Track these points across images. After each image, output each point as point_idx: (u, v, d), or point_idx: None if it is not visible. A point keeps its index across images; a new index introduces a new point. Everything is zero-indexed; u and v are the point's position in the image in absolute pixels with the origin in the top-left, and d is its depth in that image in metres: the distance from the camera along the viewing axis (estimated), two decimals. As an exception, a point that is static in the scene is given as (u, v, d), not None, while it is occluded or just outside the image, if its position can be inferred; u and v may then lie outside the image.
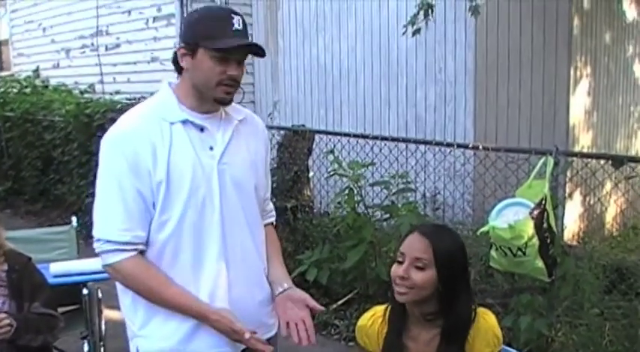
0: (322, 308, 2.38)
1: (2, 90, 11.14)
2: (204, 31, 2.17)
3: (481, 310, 2.29)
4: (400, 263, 2.20)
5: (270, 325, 2.43)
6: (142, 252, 2.22)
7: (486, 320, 2.25)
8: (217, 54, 2.15)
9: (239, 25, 2.17)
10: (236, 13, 2.20)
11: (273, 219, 2.61)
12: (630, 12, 6.89)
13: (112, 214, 2.19)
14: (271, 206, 2.61)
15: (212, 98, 2.22)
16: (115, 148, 2.19)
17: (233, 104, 2.39)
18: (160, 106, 2.27)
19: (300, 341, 2.27)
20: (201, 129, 2.25)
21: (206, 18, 2.20)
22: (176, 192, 2.19)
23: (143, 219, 2.19)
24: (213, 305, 2.23)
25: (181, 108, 2.25)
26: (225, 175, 2.25)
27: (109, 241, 2.18)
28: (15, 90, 11.24)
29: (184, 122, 2.23)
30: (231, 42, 2.15)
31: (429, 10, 5.38)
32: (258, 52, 2.24)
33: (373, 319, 2.38)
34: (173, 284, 2.22)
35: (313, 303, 2.34)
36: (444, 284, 2.18)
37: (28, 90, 11.29)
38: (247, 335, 2.16)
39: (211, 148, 2.25)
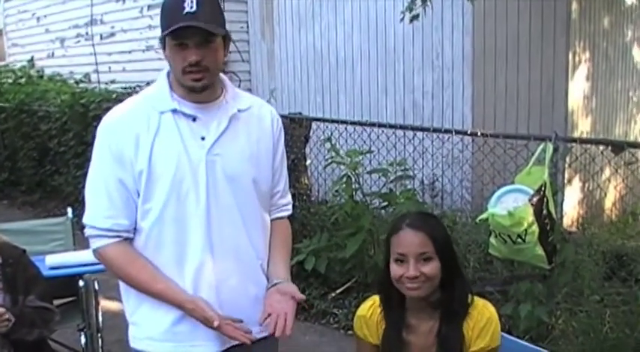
0: (303, 296, 2.30)
1: (-3, 80, 11.11)
2: (163, 21, 2.13)
3: (482, 301, 2.28)
4: (402, 263, 2.18)
5: (266, 324, 2.38)
6: (128, 240, 2.22)
7: (485, 313, 2.24)
8: (174, 41, 2.11)
9: (191, 7, 2.07)
10: None
11: (285, 213, 2.50)
12: (629, -4, 6.85)
13: (96, 201, 2.20)
14: (286, 200, 2.50)
15: (186, 88, 2.18)
16: (101, 138, 2.21)
17: (240, 92, 2.36)
18: (152, 96, 2.24)
19: (274, 331, 2.19)
20: (193, 119, 2.20)
21: (164, 8, 2.15)
22: (158, 182, 2.16)
23: (126, 207, 2.18)
24: (195, 296, 2.20)
25: (173, 97, 2.21)
26: (215, 167, 2.20)
27: (93, 227, 2.20)
28: (10, 81, 11.24)
29: (174, 111, 2.19)
30: (176, 26, 2.08)
31: (427, -4, 5.34)
32: (209, 31, 2.11)
33: (372, 309, 2.35)
34: (154, 272, 2.20)
35: (298, 294, 2.27)
36: (446, 269, 2.19)
37: (23, 80, 11.29)
38: (216, 323, 2.12)
39: (203, 138, 2.20)
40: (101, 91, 8.98)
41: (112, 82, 9.91)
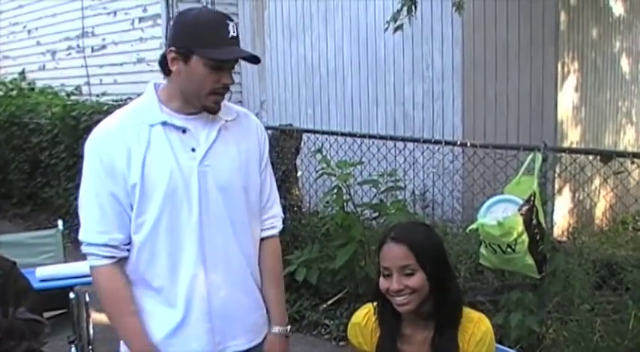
0: None
1: (-12, 93, 11.11)
2: (200, 37, 2.11)
3: (477, 315, 2.27)
4: (387, 276, 2.17)
5: (257, 331, 2.41)
6: (123, 260, 2.23)
7: (480, 327, 2.23)
8: (213, 63, 2.12)
9: (234, 31, 2.13)
10: (231, 19, 2.16)
11: (275, 231, 2.48)
12: (617, 7, 6.89)
13: (89, 217, 2.20)
14: (275, 211, 2.47)
15: (201, 106, 2.19)
16: (91, 152, 2.20)
17: (225, 102, 2.36)
18: (141, 109, 2.24)
19: None
20: (183, 131, 2.21)
21: (202, 24, 2.13)
22: (151, 195, 2.16)
23: (119, 221, 2.18)
24: (188, 314, 2.23)
25: (162, 110, 2.21)
26: (207, 177, 2.21)
27: (89, 244, 2.20)
28: (0, 94, 11.21)
29: (164, 124, 2.20)
30: (230, 51, 2.13)
31: (412, 7, 5.36)
32: (255, 59, 2.22)
33: (367, 317, 2.34)
34: (132, 305, 2.23)
35: None
36: (435, 281, 2.16)
37: (14, 93, 11.29)
38: None
39: (193, 150, 2.21)
40: (92, 104, 8.99)
41: (104, 94, 9.91)
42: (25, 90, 11.49)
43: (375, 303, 2.31)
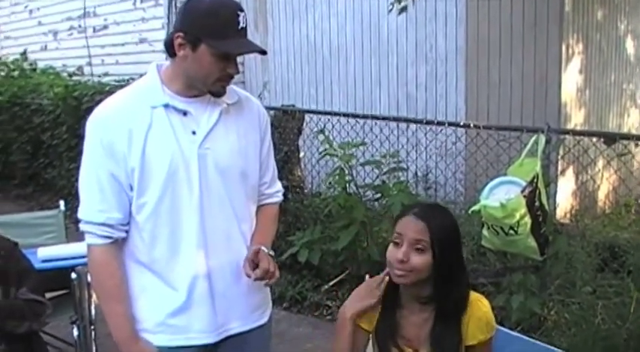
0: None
1: (-10, 73, 11.09)
2: (210, 27, 2.10)
3: (476, 296, 2.26)
4: (397, 244, 2.16)
5: (260, 313, 2.43)
6: (120, 241, 2.24)
7: (480, 307, 2.23)
8: (221, 53, 2.12)
9: (244, 22, 2.13)
10: (242, 9, 2.14)
11: (275, 199, 2.53)
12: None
13: (89, 196, 2.21)
14: (274, 189, 2.52)
15: (207, 91, 2.20)
16: (92, 132, 2.20)
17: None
18: (144, 90, 2.24)
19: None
20: (184, 114, 2.21)
21: (212, 13, 2.10)
22: (152, 176, 2.17)
23: (118, 200, 2.19)
24: (190, 296, 2.23)
25: (165, 92, 2.21)
26: (206, 160, 2.21)
27: (87, 222, 2.21)
28: (2, 74, 11.21)
29: (166, 106, 2.19)
30: (239, 44, 2.14)
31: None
32: (263, 53, 2.24)
33: None
34: (122, 292, 2.25)
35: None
36: (441, 267, 2.15)
37: (15, 73, 11.25)
38: None
39: (194, 132, 2.21)
40: (94, 84, 8.98)
41: (105, 74, 9.89)
42: (27, 71, 11.46)
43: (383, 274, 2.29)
